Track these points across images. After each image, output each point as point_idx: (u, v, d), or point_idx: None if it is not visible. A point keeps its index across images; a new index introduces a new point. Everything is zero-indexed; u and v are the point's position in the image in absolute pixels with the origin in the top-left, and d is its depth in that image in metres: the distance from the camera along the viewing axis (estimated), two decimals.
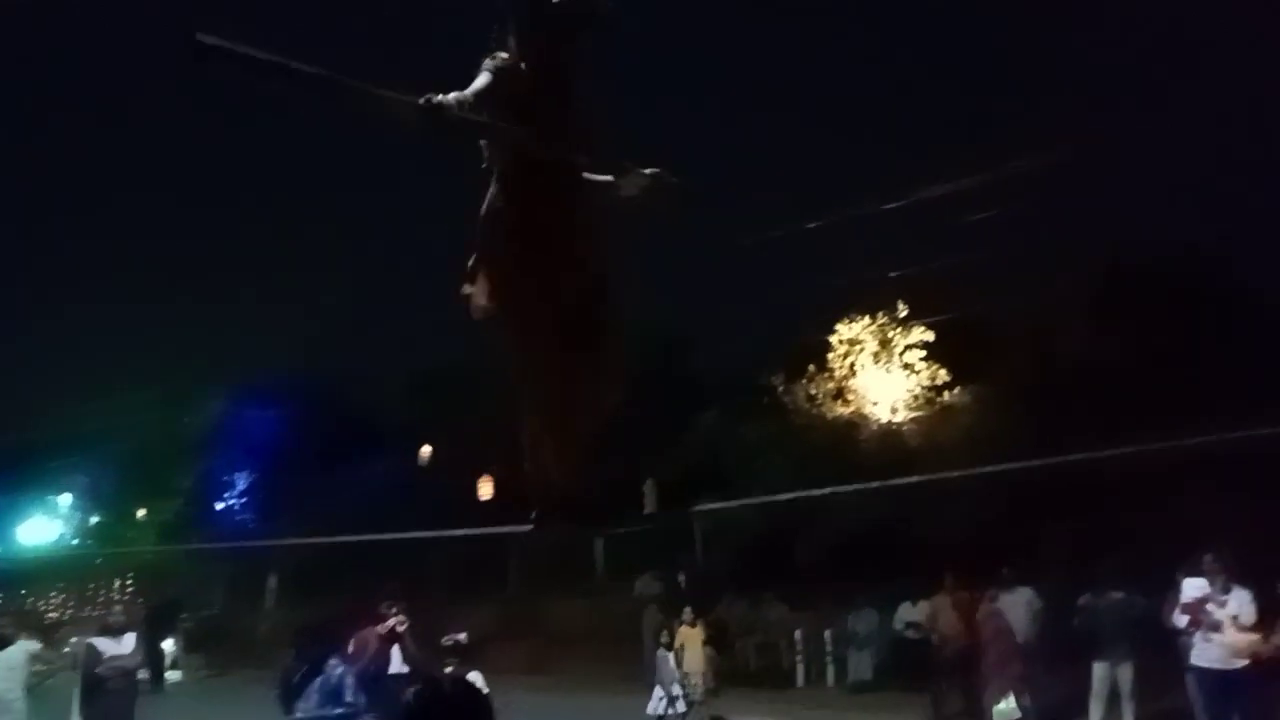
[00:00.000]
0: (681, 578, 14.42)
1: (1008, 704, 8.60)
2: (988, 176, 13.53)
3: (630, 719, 12.30)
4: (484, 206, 2.92)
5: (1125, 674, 10.06)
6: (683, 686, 10.00)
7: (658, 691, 9.92)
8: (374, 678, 6.65)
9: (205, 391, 24.85)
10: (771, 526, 14.13)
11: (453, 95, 2.63)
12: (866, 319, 16.41)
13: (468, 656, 6.30)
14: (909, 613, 12.99)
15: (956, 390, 15.71)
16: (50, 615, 22.27)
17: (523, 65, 2.84)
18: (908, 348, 16.18)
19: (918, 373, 16.12)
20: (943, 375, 15.95)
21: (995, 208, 14.03)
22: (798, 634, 14.25)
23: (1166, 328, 13.12)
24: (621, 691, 13.79)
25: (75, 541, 30.32)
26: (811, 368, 16.60)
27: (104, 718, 7.90)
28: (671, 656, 10.09)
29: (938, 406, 15.83)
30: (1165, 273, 14.37)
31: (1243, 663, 8.84)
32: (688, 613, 11.36)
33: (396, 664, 6.93)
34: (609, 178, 2.98)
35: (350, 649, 6.67)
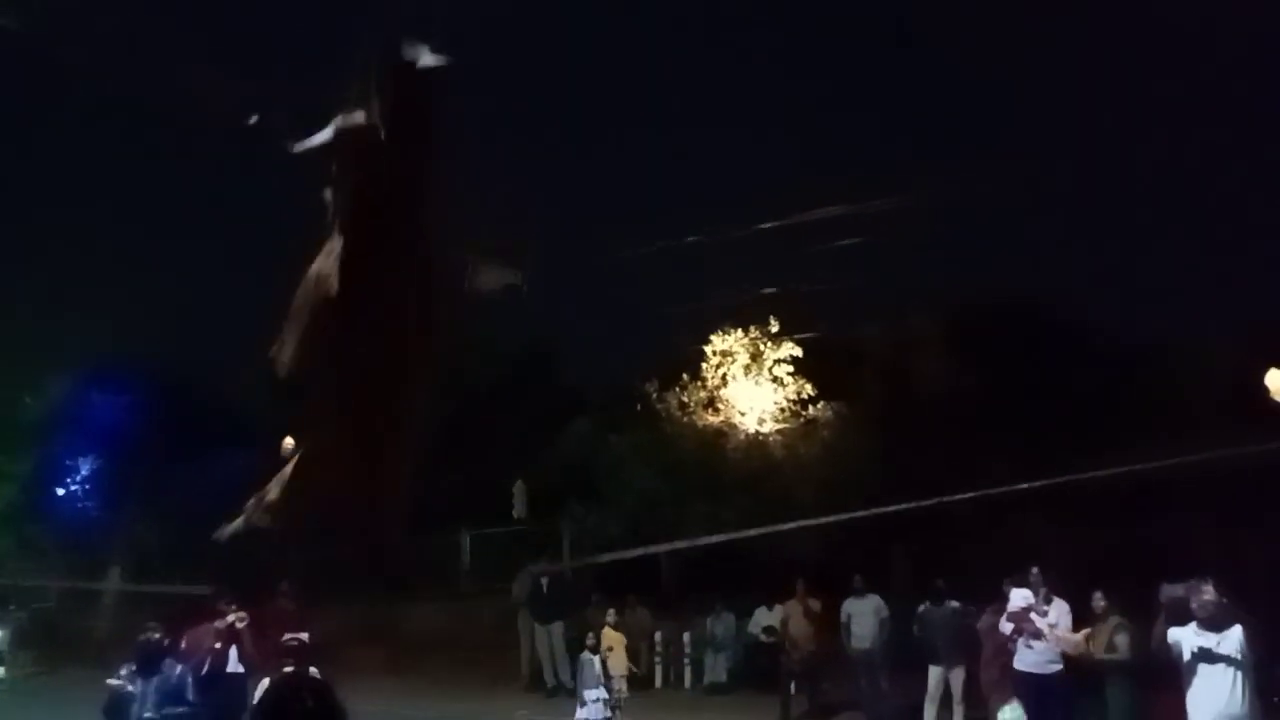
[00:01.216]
0: (545, 581, 14.44)
1: (1012, 711, 9.04)
2: (858, 205, 14.22)
3: (482, 717, 12.30)
4: (312, 271, 2.89)
5: (957, 678, 10.75)
6: (607, 690, 9.81)
7: (587, 695, 9.63)
8: (212, 677, 6.45)
9: (49, 374, 23.21)
10: (636, 533, 14.37)
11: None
12: (739, 332, 16.90)
13: (308, 657, 6.18)
14: (763, 618, 13.46)
15: (820, 405, 16.37)
16: None
17: (373, 128, 2.82)
18: (777, 362, 16.75)
19: (785, 386, 16.71)
20: (808, 390, 16.58)
21: (864, 235, 14.76)
22: (657, 636, 14.51)
23: (1013, 364, 14.18)
24: (480, 696, 13.74)
25: None
26: (685, 377, 16.98)
27: None
28: (597, 660, 9.85)
29: (802, 420, 16.46)
30: (1017, 312, 15.55)
31: (1058, 667, 9.61)
32: (611, 614, 11.37)
33: (234, 663, 6.72)
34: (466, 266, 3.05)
35: (184, 646, 6.45)
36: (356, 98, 2.84)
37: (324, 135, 2.79)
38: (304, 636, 6.28)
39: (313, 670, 5.77)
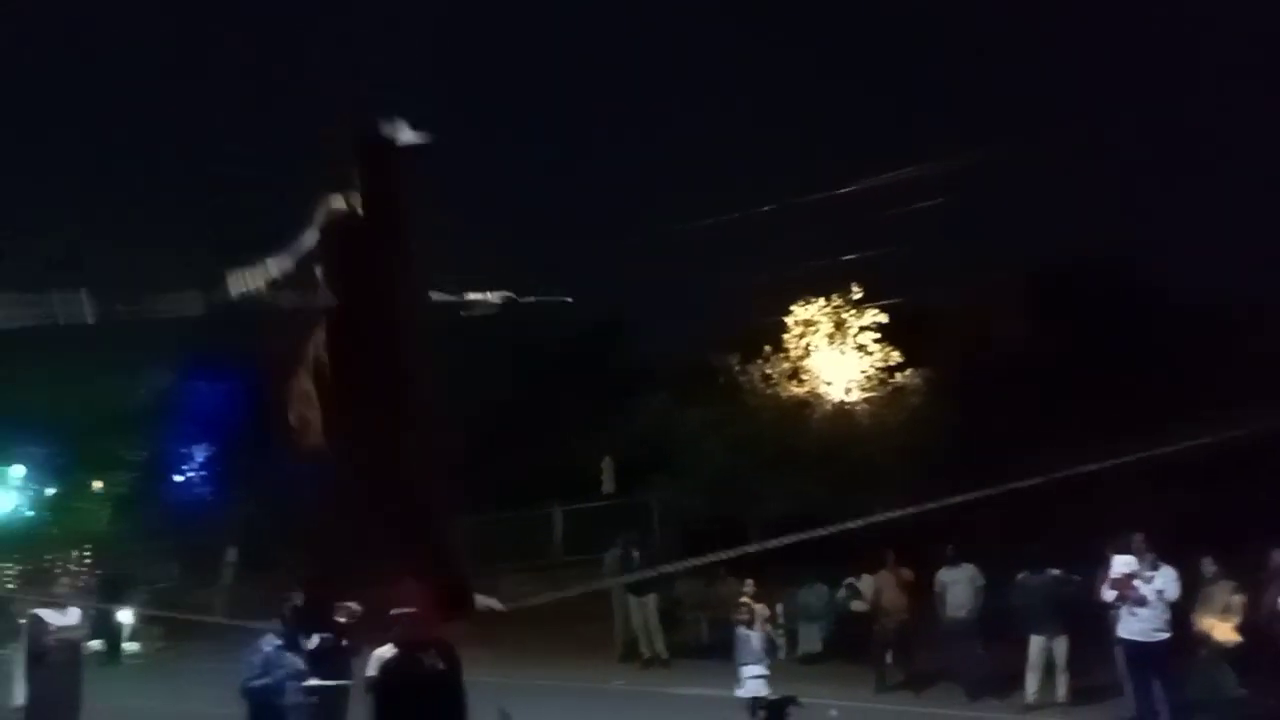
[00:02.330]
0: (636, 554, 14.64)
1: None
2: (937, 166, 13.82)
3: (581, 688, 12.60)
4: (309, 349, 2.95)
5: (1060, 647, 10.52)
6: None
7: (745, 671, 9.33)
8: (327, 650, 6.77)
9: (161, 365, 24.56)
10: (724, 505, 14.41)
11: (259, 273, 2.68)
12: (822, 301, 16.66)
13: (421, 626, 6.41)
14: (855, 589, 13.38)
15: (907, 372, 16.04)
16: (8, 586, 22.02)
17: (358, 209, 2.80)
18: (861, 329, 16.47)
19: (870, 354, 16.43)
20: (894, 357, 16.26)
21: (946, 197, 14.34)
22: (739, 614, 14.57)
23: (1104, 324, 13.65)
24: (576, 666, 14.06)
25: (31, 513, 29.93)
26: (767, 348, 16.85)
27: (49, 688, 7.95)
28: (755, 635, 9.59)
29: (888, 388, 16.17)
30: (1107, 271, 14.95)
31: (1165, 635, 9.29)
32: (750, 585, 11.13)
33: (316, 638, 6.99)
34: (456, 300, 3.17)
35: (299, 621, 6.78)
36: (335, 182, 2.85)
37: (310, 238, 2.82)
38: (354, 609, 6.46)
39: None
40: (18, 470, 30.00)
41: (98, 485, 27.50)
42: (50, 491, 29.86)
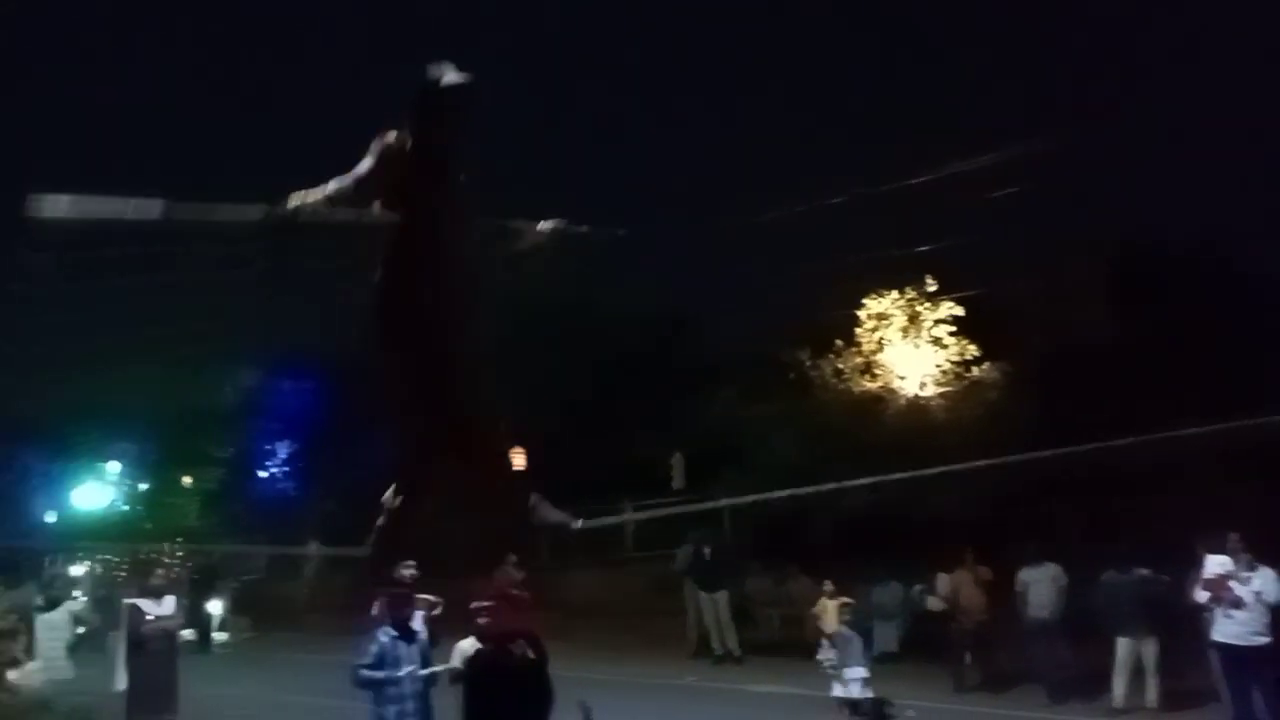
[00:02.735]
0: (707, 551, 14.62)
1: None
2: (1011, 154, 13.40)
3: (654, 683, 12.64)
4: (372, 290, 3.08)
5: (1149, 649, 10.14)
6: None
7: (848, 673, 9.14)
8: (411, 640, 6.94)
9: (246, 366, 25.48)
10: (794, 503, 14.27)
11: (325, 190, 2.81)
12: (895, 294, 16.36)
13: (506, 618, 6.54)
14: (932, 588, 13.13)
15: (984, 366, 15.65)
16: (120, 575, 23.03)
17: (408, 141, 2.98)
18: (936, 322, 16.11)
19: (945, 347, 16.07)
20: (971, 350, 15.88)
21: (1019, 185, 13.89)
22: (820, 605, 14.42)
23: (1186, 311, 13.09)
24: (648, 661, 14.10)
25: (125, 507, 31.34)
26: (839, 342, 16.62)
27: (147, 675, 8.31)
28: (858, 637, 9.35)
29: (965, 382, 15.79)
30: (1186, 256, 14.32)
31: (1264, 640, 8.87)
32: (829, 585, 11.03)
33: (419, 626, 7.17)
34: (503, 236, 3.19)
35: (377, 612, 6.96)
36: (395, 123, 3.01)
37: (367, 163, 2.97)
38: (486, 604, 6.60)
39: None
40: (113, 466, 31.48)
41: (187, 481, 28.68)
42: (143, 487, 31.25)
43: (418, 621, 6.81)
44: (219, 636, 19.25)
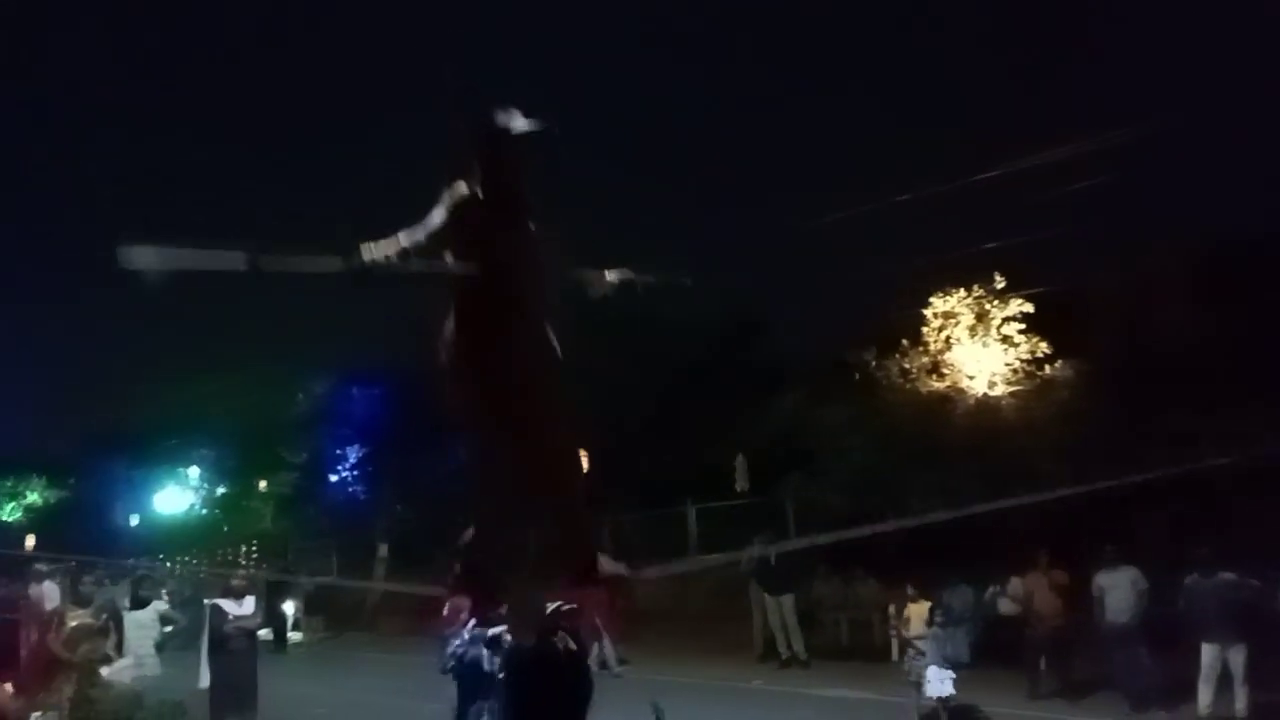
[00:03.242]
0: (772, 553, 14.51)
1: None
2: (1084, 146, 13.01)
3: (722, 686, 12.60)
4: (443, 330, 3.13)
5: (1237, 657, 9.75)
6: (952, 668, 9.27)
7: (931, 674, 9.18)
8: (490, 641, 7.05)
9: (318, 374, 26.17)
10: (861, 505, 14.08)
11: (397, 240, 2.87)
12: (962, 292, 16.03)
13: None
14: (1005, 591, 12.83)
15: (1057, 364, 15.23)
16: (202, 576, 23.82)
17: (479, 193, 3.02)
18: (1005, 320, 15.74)
19: (1016, 346, 15.68)
20: (1043, 348, 15.47)
21: (1092, 178, 13.49)
22: (891, 609, 14.21)
23: (1267, 306, 12.51)
24: (714, 665, 14.07)
25: (204, 511, 32.46)
26: (904, 342, 16.36)
27: (228, 672, 8.61)
28: (938, 640, 9.36)
29: (1037, 381, 15.39)
30: (1268, 250, 13.68)
31: None
32: (910, 587, 10.96)
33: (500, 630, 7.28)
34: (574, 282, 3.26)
35: (446, 613, 7.06)
36: (456, 170, 3.07)
37: (439, 214, 3.02)
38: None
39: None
40: (193, 472, 32.65)
41: (263, 485, 29.57)
42: (221, 491, 32.33)
43: (498, 627, 6.91)
44: (294, 637, 19.78)
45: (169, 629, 9.37)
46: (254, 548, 27.62)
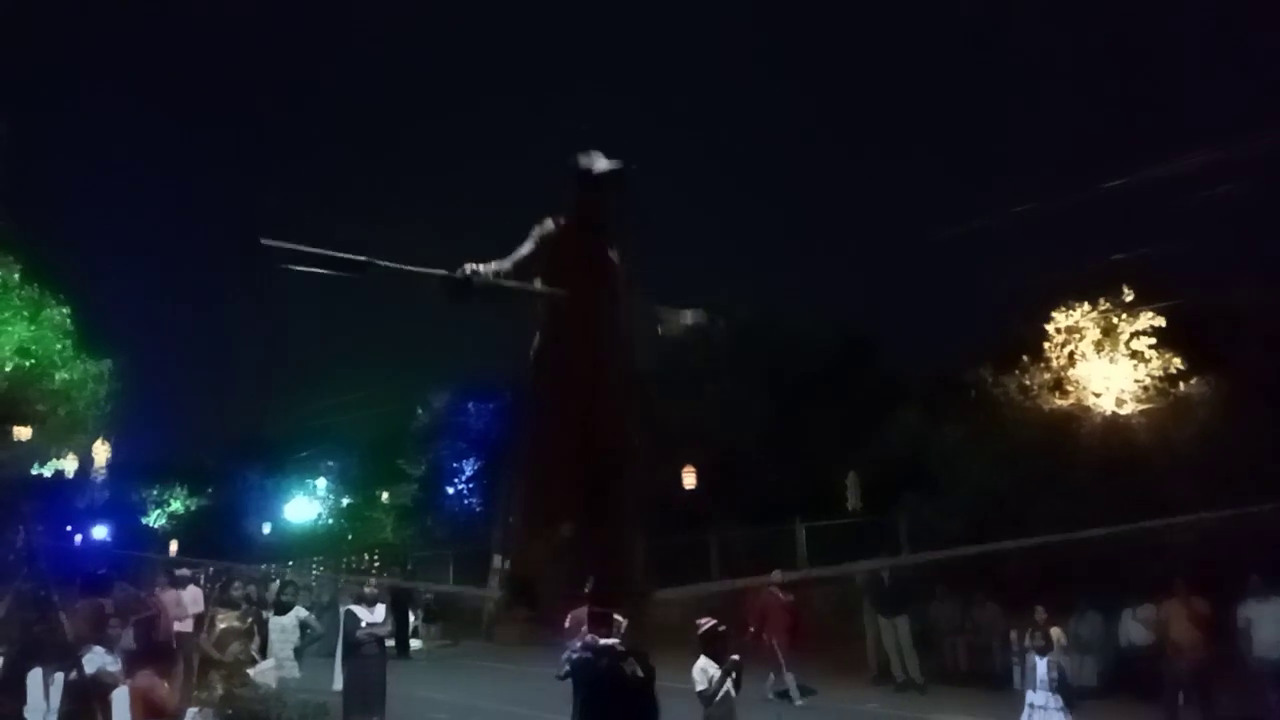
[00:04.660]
0: (886, 574, 14.23)
1: None
2: (1221, 152, 12.31)
3: (836, 708, 12.41)
4: (531, 350, 3.32)
5: None
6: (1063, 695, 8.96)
7: (1031, 697, 9.02)
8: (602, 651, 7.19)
9: (436, 388, 27.17)
10: (980, 526, 13.66)
11: (490, 265, 3.09)
12: (1086, 305, 15.36)
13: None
14: (1136, 619, 12.23)
15: (1193, 381, 14.39)
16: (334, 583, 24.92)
17: (565, 226, 3.25)
18: (1135, 335, 14.99)
19: (1147, 362, 14.91)
20: (1177, 364, 14.65)
21: (1230, 183, 12.75)
22: (1013, 635, 13.71)
23: None
24: (826, 686, 13.87)
25: (330, 521, 34.01)
26: (1024, 359, 15.79)
27: (361, 675, 9.04)
28: (1044, 662, 9.05)
29: (1171, 398, 14.57)
30: None
31: None
32: (1040, 611, 10.67)
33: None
34: (654, 320, 3.42)
35: (568, 625, 7.26)
36: (551, 209, 3.30)
37: (527, 247, 3.24)
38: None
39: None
40: (320, 483, 34.28)
41: (385, 497, 30.79)
42: (346, 502, 33.82)
43: (613, 639, 7.04)
44: (414, 644, 20.48)
45: (309, 633, 9.89)
46: (375, 557, 28.76)
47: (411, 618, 20.91)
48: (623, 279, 3.33)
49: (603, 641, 6.90)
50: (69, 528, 30.34)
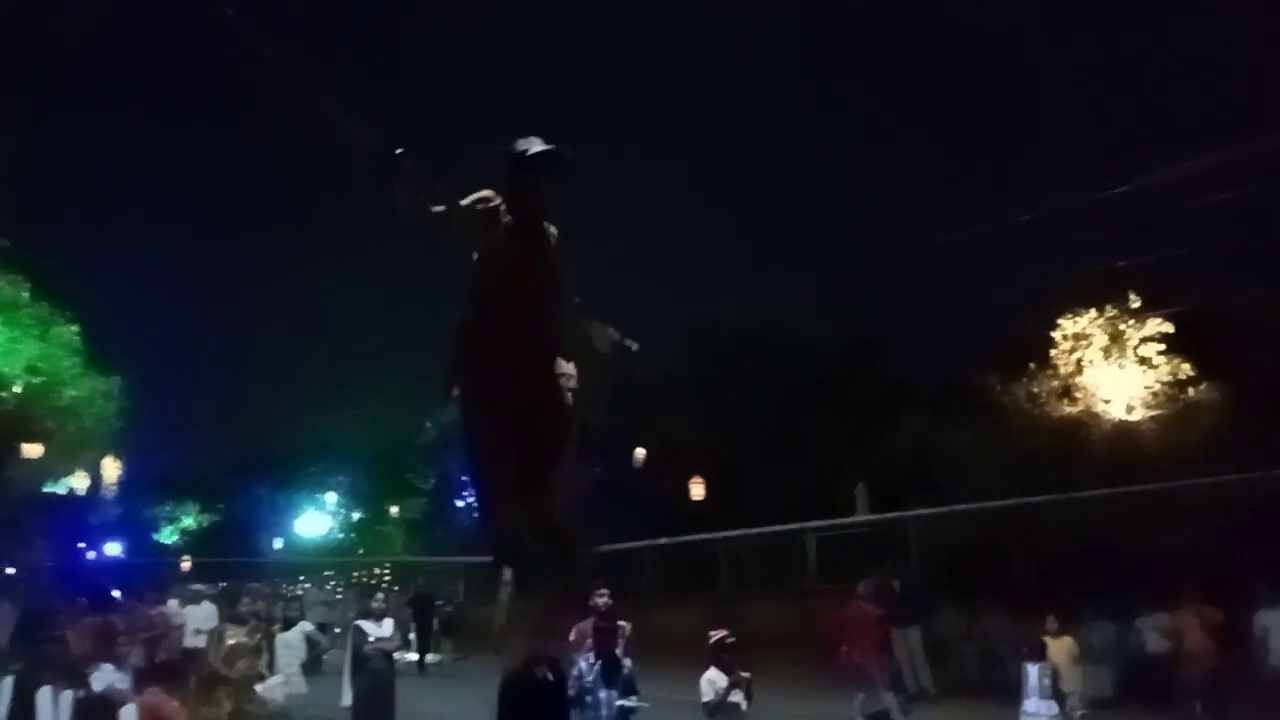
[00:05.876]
0: (896, 583, 14.13)
1: None
2: (1226, 156, 12.28)
3: (847, 718, 12.30)
4: (468, 292, 3.33)
5: None
6: (1059, 705, 8.86)
7: (1026, 706, 8.91)
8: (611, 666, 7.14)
9: (444, 402, 27.17)
10: (989, 533, 13.59)
11: (425, 181, 3.07)
12: (1093, 312, 15.31)
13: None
14: (1149, 627, 12.13)
15: (1201, 387, 14.32)
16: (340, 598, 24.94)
17: (502, 201, 3.27)
18: (1143, 341, 14.92)
19: (1155, 368, 14.84)
20: (1185, 370, 14.58)
21: (1236, 189, 12.70)
22: (1024, 646, 13.60)
23: None
24: (836, 696, 13.77)
25: (340, 535, 34.08)
26: (1032, 365, 15.74)
27: (369, 690, 9.01)
28: (1035, 670, 8.98)
29: (1179, 404, 14.50)
30: None
31: None
32: (1052, 621, 10.62)
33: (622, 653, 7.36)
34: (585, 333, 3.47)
35: (573, 638, 7.21)
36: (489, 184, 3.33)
37: (465, 199, 3.27)
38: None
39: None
40: (330, 497, 34.38)
41: (394, 510, 30.84)
42: (356, 516, 33.90)
43: (620, 649, 6.99)
44: (431, 657, 20.44)
45: (316, 647, 9.86)
46: (386, 570, 28.79)
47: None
48: (555, 258, 3.37)
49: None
50: (82, 544, 30.46)
